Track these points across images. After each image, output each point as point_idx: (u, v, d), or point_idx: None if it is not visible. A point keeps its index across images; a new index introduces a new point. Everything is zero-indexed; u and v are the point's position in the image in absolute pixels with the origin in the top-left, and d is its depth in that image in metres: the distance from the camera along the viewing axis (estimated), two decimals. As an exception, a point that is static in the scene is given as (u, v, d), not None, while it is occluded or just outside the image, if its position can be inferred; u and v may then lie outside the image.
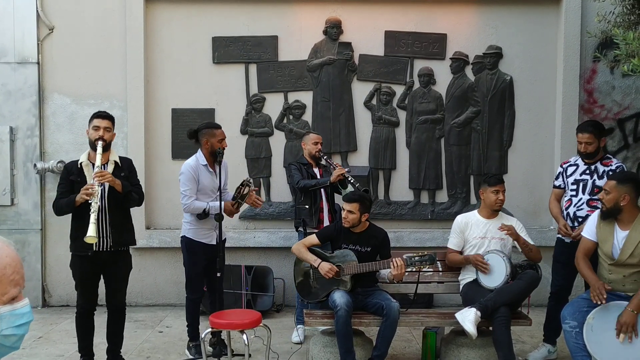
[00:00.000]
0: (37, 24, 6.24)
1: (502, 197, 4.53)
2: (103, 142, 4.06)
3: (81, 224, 3.96)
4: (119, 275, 4.30)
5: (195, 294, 4.76)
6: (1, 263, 1.41)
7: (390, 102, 6.39)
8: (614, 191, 3.89)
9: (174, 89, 6.35)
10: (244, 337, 3.94)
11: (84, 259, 4.08)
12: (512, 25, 6.36)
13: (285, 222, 6.39)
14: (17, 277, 1.44)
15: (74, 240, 4.14)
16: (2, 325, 1.43)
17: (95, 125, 4.12)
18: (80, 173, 4.14)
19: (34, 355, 4.82)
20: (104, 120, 4.15)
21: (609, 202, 3.91)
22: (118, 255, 4.22)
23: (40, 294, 6.34)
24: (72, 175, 4.14)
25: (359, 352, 4.27)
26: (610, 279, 3.92)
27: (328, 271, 4.28)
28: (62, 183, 4.19)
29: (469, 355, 4.35)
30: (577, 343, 3.87)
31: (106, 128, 4.13)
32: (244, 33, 6.33)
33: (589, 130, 4.48)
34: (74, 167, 4.18)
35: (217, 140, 4.61)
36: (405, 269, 4.21)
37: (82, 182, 4.07)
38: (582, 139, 4.50)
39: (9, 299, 1.44)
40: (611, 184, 3.94)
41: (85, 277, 4.17)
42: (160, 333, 5.46)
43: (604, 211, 3.98)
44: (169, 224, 6.39)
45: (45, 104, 6.31)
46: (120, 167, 4.24)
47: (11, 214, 6.29)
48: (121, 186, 4.10)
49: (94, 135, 4.10)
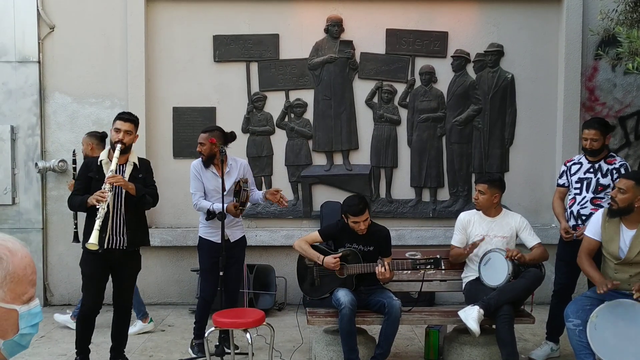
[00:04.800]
0: (37, 22, 6.23)
1: (479, 197, 4.52)
2: (122, 145, 4.06)
3: (94, 221, 3.96)
4: (129, 275, 4.31)
5: (204, 292, 4.77)
6: (22, 263, 1.42)
7: (392, 101, 6.38)
8: (630, 191, 3.82)
9: (175, 88, 6.34)
10: (247, 336, 3.94)
11: (96, 255, 4.05)
12: (514, 23, 6.35)
13: (287, 221, 6.40)
14: (34, 277, 1.45)
15: (87, 236, 4.09)
16: (22, 324, 1.44)
17: (116, 128, 4.12)
18: (100, 170, 4.14)
19: (36, 355, 4.82)
20: (125, 123, 4.15)
21: (623, 202, 3.85)
22: (130, 255, 4.23)
23: (42, 293, 6.32)
24: (90, 172, 4.15)
25: (361, 351, 4.27)
26: (616, 279, 3.90)
27: (333, 264, 4.28)
28: (80, 179, 4.23)
29: (471, 353, 4.36)
30: (580, 341, 3.87)
31: (127, 131, 4.12)
32: (245, 31, 6.32)
33: (595, 126, 4.49)
34: (93, 164, 4.20)
35: (199, 144, 4.66)
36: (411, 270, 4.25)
37: (100, 180, 4.07)
38: (588, 135, 4.50)
39: (28, 298, 1.45)
40: (629, 183, 3.84)
41: (96, 274, 4.15)
42: (162, 332, 5.47)
43: (614, 209, 3.91)
44: (170, 223, 6.39)
45: (46, 103, 6.30)
46: (138, 169, 4.26)
47: (12, 213, 6.28)
48: (135, 190, 4.11)
49: (115, 137, 4.10)
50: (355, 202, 4.34)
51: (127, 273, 4.29)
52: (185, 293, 6.34)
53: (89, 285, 4.18)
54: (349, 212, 4.32)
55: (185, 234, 6.20)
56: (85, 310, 4.21)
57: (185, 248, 6.21)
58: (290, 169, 6.41)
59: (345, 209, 4.37)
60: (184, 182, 5.69)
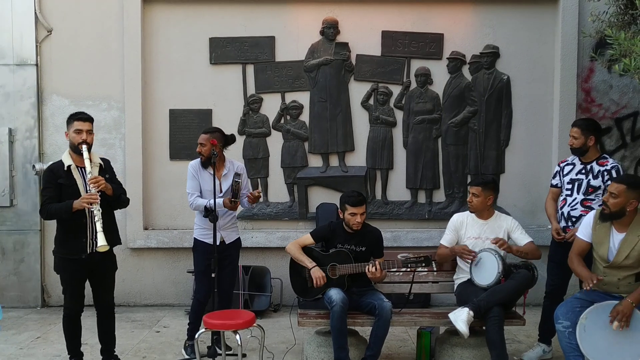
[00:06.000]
0: (35, 26, 6.28)
1: (473, 200, 4.53)
2: (87, 145, 4.02)
3: (71, 227, 3.96)
4: (107, 276, 4.31)
5: (199, 293, 4.79)
6: None
7: (388, 102, 6.39)
8: (622, 196, 3.80)
9: (172, 90, 6.37)
10: (237, 338, 3.96)
11: (77, 262, 4.06)
12: (509, 24, 6.35)
13: (283, 222, 6.42)
14: None
15: (63, 243, 4.10)
16: None
17: (77, 129, 4.04)
18: (69, 176, 4.07)
19: (31, 355, 4.86)
20: (85, 122, 4.07)
21: (615, 207, 3.82)
22: (106, 256, 4.20)
23: (40, 294, 6.37)
24: (60, 178, 4.05)
25: (353, 352, 4.29)
26: (604, 282, 3.90)
27: (318, 278, 4.31)
28: (50, 187, 4.05)
29: (462, 355, 4.37)
30: (570, 343, 3.86)
31: (88, 131, 4.07)
32: (241, 34, 6.35)
33: (578, 124, 4.56)
34: (60, 170, 4.08)
35: (200, 144, 4.68)
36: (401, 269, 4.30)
37: (71, 186, 4.04)
38: (570, 133, 4.58)
39: None
40: (620, 188, 3.82)
41: (76, 279, 4.15)
42: (157, 333, 5.49)
43: (606, 214, 3.90)
44: (166, 225, 6.42)
45: (44, 106, 6.35)
46: (103, 169, 4.23)
47: (10, 214, 6.33)
48: (112, 190, 4.11)
49: (77, 139, 4.03)
50: (354, 193, 4.46)
51: (104, 274, 4.28)
52: (182, 294, 6.36)
53: (70, 290, 4.18)
54: (348, 203, 4.38)
55: (181, 236, 6.23)
56: (69, 313, 4.22)
57: (182, 249, 6.23)
58: (286, 171, 6.43)
59: (344, 199, 4.45)
60: (180, 184, 5.73)
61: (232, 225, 4.85)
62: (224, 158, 4.77)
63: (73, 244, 3.93)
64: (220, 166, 4.72)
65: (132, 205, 6.17)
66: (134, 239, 6.29)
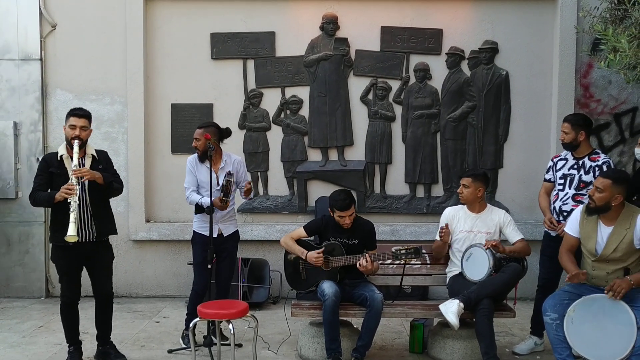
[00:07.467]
0: (39, 21, 6.39)
1: (463, 191, 4.60)
2: (80, 141, 4.15)
3: (63, 215, 4.07)
4: (104, 265, 4.41)
5: (197, 285, 4.87)
6: None
7: (386, 97, 6.44)
8: (607, 190, 3.83)
9: (174, 85, 6.46)
10: (230, 327, 4.05)
11: (66, 250, 4.17)
12: (508, 20, 6.38)
13: (283, 216, 6.50)
14: None
15: (55, 231, 4.23)
16: None
17: (71, 124, 4.19)
18: (61, 166, 4.22)
19: (32, 344, 4.97)
20: (80, 119, 4.21)
21: (600, 201, 3.86)
22: (100, 246, 4.33)
23: (44, 284, 6.51)
24: (52, 167, 4.21)
25: (345, 342, 4.36)
26: (593, 276, 3.94)
27: (315, 259, 4.38)
28: (41, 175, 4.23)
29: (454, 347, 4.43)
30: (557, 335, 3.90)
31: (82, 127, 4.19)
32: (242, 29, 6.42)
33: (568, 119, 4.59)
34: (53, 159, 4.25)
35: (195, 139, 4.76)
36: (393, 261, 4.42)
37: (62, 175, 4.17)
38: (561, 128, 4.61)
39: None
40: (606, 182, 3.85)
41: (72, 268, 4.27)
42: (157, 323, 5.59)
43: (591, 208, 3.94)
44: (168, 217, 6.52)
45: (48, 100, 6.47)
46: (97, 160, 4.34)
47: (15, 206, 6.46)
48: (102, 178, 4.21)
49: (70, 133, 4.18)
50: (341, 197, 4.45)
51: (101, 263, 4.39)
52: (183, 286, 6.46)
53: (66, 278, 4.30)
54: (335, 207, 4.43)
55: (182, 228, 6.32)
56: (66, 301, 4.33)
57: (183, 242, 6.32)
58: (286, 165, 6.50)
59: (331, 203, 4.49)
60: (181, 177, 5.75)
61: (230, 218, 4.94)
62: (221, 151, 4.85)
63: (64, 232, 4.02)
64: (218, 159, 4.81)
65: (134, 198, 6.37)
66: (136, 231, 6.41)
